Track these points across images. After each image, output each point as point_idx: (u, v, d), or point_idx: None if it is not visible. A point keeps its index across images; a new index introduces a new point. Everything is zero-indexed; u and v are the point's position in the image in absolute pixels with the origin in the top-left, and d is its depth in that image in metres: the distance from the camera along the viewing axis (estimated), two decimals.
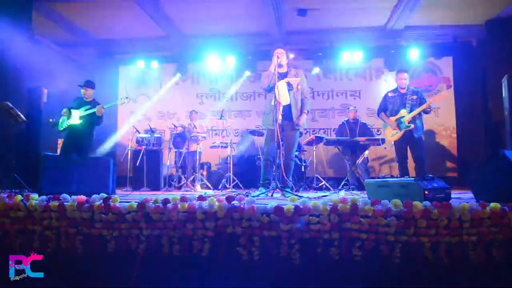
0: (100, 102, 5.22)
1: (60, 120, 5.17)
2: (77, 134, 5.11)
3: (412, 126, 4.66)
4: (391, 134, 4.86)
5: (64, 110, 5.16)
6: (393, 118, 4.82)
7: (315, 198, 3.31)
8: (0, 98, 4.47)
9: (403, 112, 4.74)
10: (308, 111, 4.22)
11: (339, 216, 2.31)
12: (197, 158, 6.51)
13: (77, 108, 5.16)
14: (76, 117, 5.10)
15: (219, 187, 6.19)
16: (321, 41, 7.88)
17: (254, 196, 2.99)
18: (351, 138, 6.03)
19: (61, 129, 5.16)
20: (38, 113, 6.04)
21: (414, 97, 4.80)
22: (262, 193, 3.72)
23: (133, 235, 2.47)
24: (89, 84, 5.28)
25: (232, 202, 2.42)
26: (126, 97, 5.41)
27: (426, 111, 4.72)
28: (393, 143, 4.88)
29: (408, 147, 4.81)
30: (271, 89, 4.03)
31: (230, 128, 6.63)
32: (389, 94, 4.98)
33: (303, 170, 6.46)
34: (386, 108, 4.95)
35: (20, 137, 5.76)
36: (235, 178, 6.20)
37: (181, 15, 7.03)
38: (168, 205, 2.47)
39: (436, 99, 5.41)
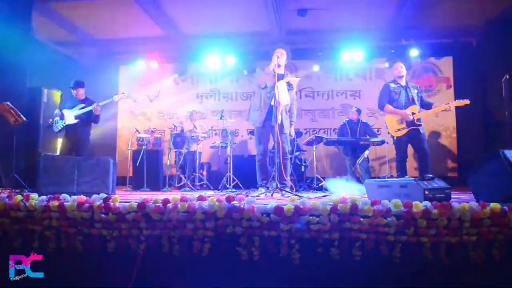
0: (95, 100, 5.23)
1: (54, 122, 5.19)
2: (74, 134, 5.13)
3: (422, 124, 4.50)
4: (396, 129, 4.58)
5: (56, 111, 5.18)
6: (403, 112, 4.54)
7: (315, 198, 3.31)
8: (0, 98, 4.47)
9: (413, 108, 4.50)
10: (294, 121, 4.43)
11: (339, 216, 2.31)
12: (197, 158, 6.51)
13: (71, 108, 5.17)
14: (71, 117, 5.11)
15: (219, 187, 6.18)
16: (321, 41, 7.88)
17: (254, 196, 2.99)
18: (352, 138, 6.02)
19: (57, 130, 5.20)
20: (38, 113, 6.03)
21: (415, 91, 4.69)
22: (262, 193, 3.72)
23: (133, 235, 2.47)
24: (79, 84, 5.31)
25: (232, 202, 2.41)
26: (123, 93, 5.50)
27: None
28: (395, 138, 4.61)
29: (410, 144, 4.58)
30: (266, 87, 4.03)
31: (230, 128, 6.61)
32: (392, 85, 4.70)
33: (303, 170, 6.45)
34: (391, 99, 4.65)
35: (20, 137, 5.75)
36: (235, 178, 6.19)
37: (181, 15, 7.03)
38: (168, 205, 2.47)
39: (456, 104, 4.60)
